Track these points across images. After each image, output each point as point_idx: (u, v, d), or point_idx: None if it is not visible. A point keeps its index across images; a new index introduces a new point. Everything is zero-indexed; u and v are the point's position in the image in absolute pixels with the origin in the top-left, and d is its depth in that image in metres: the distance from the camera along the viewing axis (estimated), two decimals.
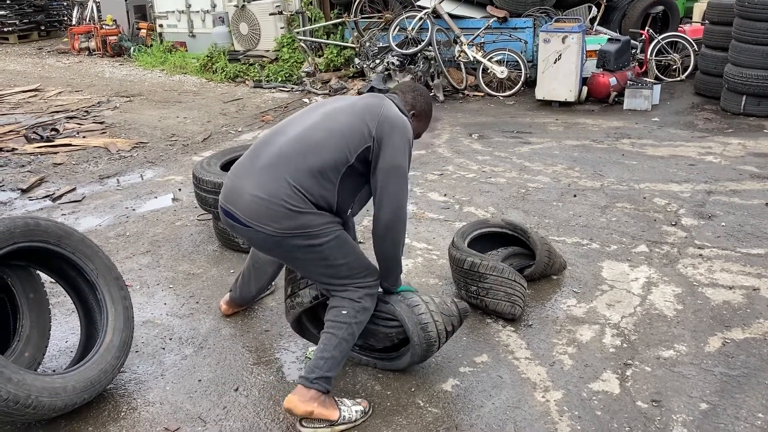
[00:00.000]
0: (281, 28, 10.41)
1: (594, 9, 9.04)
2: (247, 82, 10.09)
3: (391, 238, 2.73)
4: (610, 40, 8.13)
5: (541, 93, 8.04)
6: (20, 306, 3.04)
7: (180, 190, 5.61)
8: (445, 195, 5.29)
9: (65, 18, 15.83)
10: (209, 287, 3.94)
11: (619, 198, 5.08)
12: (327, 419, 2.68)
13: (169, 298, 3.84)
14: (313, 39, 10.12)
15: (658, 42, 8.76)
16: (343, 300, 2.74)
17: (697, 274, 3.89)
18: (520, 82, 8.52)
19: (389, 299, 2.92)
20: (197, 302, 3.77)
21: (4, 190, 5.74)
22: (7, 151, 6.82)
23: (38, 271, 3.13)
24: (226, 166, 4.53)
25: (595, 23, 9.01)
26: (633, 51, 8.44)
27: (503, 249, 3.90)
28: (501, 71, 8.47)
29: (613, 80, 7.86)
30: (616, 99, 7.93)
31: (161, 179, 5.94)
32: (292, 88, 9.56)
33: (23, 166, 6.38)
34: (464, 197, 5.23)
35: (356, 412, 2.74)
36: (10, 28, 14.44)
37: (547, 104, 8.04)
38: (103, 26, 13.30)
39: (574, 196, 5.16)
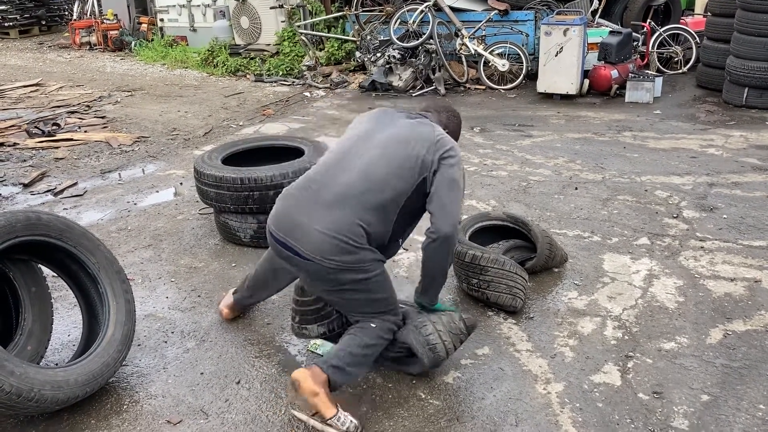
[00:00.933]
0: (282, 21, 10.39)
1: (595, 1, 9.01)
2: (248, 76, 10.08)
3: (447, 250, 2.80)
4: (611, 32, 8.10)
5: (542, 86, 8.02)
6: (22, 300, 3.05)
7: (181, 184, 5.61)
8: None
9: (66, 13, 15.81)
10: (211, 281, 3.94)
11: (620, 190, 5.07)
12: (322, 412, 2.64)
13: (171, 291, 3.85)
14: (314, 32, 10.10)
15: (660, 34, 8.73)
16: (373, 319, 2.82)
17: (698, 267, 3.88)
18: (522, 75, 8.51)
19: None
20: (199, 296, 3.78)
21: (5, 185, 5.75)
22: (9, 145, 6.82)
23: (40, 265, 3.14)
24: (227, 160, 4.54)
25: (597, 16, 8.98)
26: (635, 43, 8.42)
27: (504, 242, 3.90)
28: (502, 64, 8.45)
29: (614, 73, 7.84)
30: (618, 92, 7.92)
31: (162, 173, 5.94)
32: (293, 82, 9.54)
33: (25, 160, 6.39)
34: (466, 190, 5.21)
35: (350, 422, 2.66)
36: (11, 23, 14.44)
37: (548, 97, 8.02)
38: (104, 21, 13.29)
39: (576, 188, 5.16)
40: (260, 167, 4.29)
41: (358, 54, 9.49)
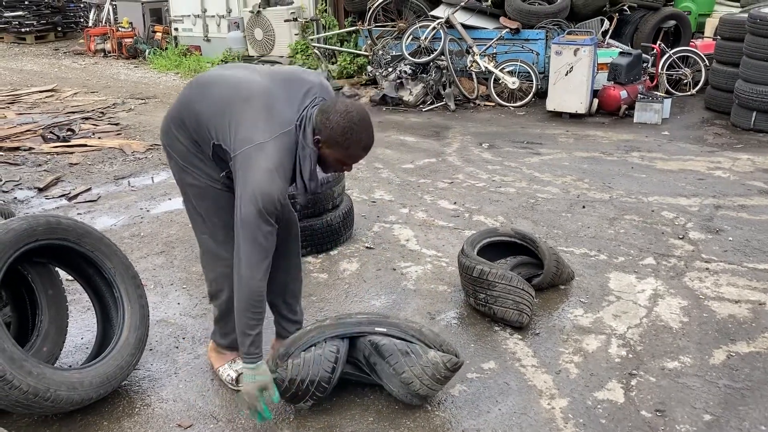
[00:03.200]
0: (295, 34, 10.52)
1: (606, 22, 9.10)
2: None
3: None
4: (621, 53, 8.19)
5: (552, 104, 8.10)
6: (39, 302, 3.11)
7: None
8: (455, 203, 5.35)
9: (82, 19, 16.00)
10: None
11: (627, 210, 5.13)
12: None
13: (183, 298, 3.92)
14: (327, 46, 10.22)
15: (670, 56, 8.81)
16: None
17: (703, 288, 3.93)
18: (531, 93, 8.59)
19: (379, 373, 2.88)
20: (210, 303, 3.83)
21: (21, 188, 5.84)
22: (25, 150, 6.92)
23: (57, 268, 3.21)
24: None
25: (607, 36, 9.06)
26: (644, 65, 8.49)
27: (512, 258, 3.96)
28: (512, 82, 8.53)
29: (623, 93, 7.92)
30: (627, 112, 7.98)
31: (174, 181, 6.01)
32: None
33: (40, 165, 6.49)
34: (474, 206, 5.29)
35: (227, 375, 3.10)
36: (28, 29, 14.63)
37: (557, 116, 8.09)
38: (119, 29, 13.46)
39: (583, 207, 5.21)
40: None
41: (369, 68, 9.59)
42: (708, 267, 4.18)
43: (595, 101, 8.10)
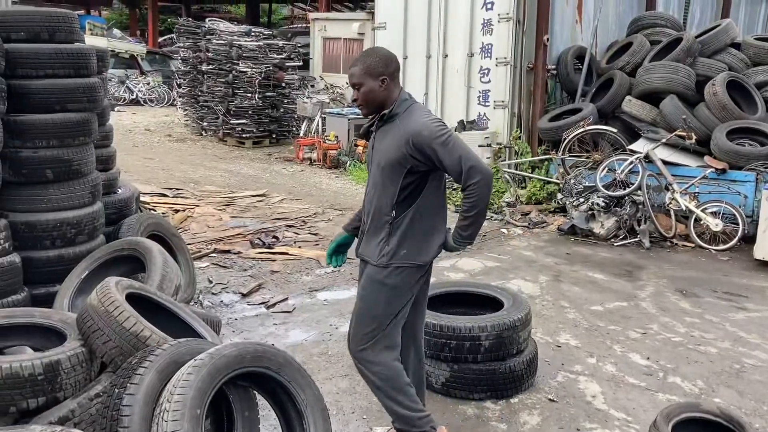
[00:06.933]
0: (487, 158, 10.78)
1: None
2: (448, 206, 10.47)
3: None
4: None
5: (760, 252, 7.47)
6: (236, 422, 3.34)
7: None
8: (648, 359, 5.02)
9: (294, 128, 17.67)
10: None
11: None
12: None
13: (362, 429, 3.99)
14: (518, 172, 10.35)
15: None
16: None
17: None
18: (737, 237, 7.99)
19: None
20: None
21: (227, 292, 6.40)
22: (234, 253, 7.63)
23: (255, 392, 3.44)
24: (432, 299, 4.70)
25: None
26: None
27: None
28: (715, 224, 8.02)
29: None
30: None
31: None
32: (492, 217, 9.75)
33: (245, 270, 7.09)
34: (669, 364, 4.93)
35: None
36: (248, 135, 16.40)
37: (766, 265, 7.42)
38: (326, 140, 14.66)
39: None
40: (460, 317, 4.42)
41: (560, 196, 9.53)
42: None
43: None
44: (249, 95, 16.03)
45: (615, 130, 9.49)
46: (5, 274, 4.41)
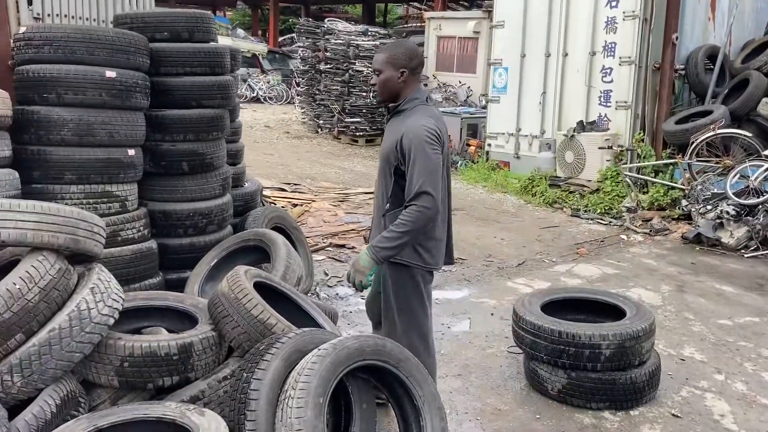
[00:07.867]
0: (607, 161, 10.42)
1: None
2: (564, 209, 10.22)
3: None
4: None
5: None
6: (354, 413, 3.41)
7: (492, 314, 5.82)
8: None
9: None
10: (515, 429, 3.98)
11: None
12: None
13: (476, 431, 3.96)
14: (640, 176, 9.94)
15: None
16: None
17: None
18: None
19: None
20: None
21: (342, 286, 6.54)
22: (349, 248, 7.78)
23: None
24: (545, 307, 4.62)
25: None
26: None
27: None
28: None
29: None
30: None
31: (475, 300, 6.24)
32: (610, 222, 9.42)
33: None
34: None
35: None
36: (361, 133, 16.69)
37: None
38: None
39: None
40: (580, 324, 4.32)
41: (684, 203, 9.06)
42: None
43: None
44: (364, 94, 16.30)
45: (749, 135, 8.92)
46: (144, 259, 4.72)
